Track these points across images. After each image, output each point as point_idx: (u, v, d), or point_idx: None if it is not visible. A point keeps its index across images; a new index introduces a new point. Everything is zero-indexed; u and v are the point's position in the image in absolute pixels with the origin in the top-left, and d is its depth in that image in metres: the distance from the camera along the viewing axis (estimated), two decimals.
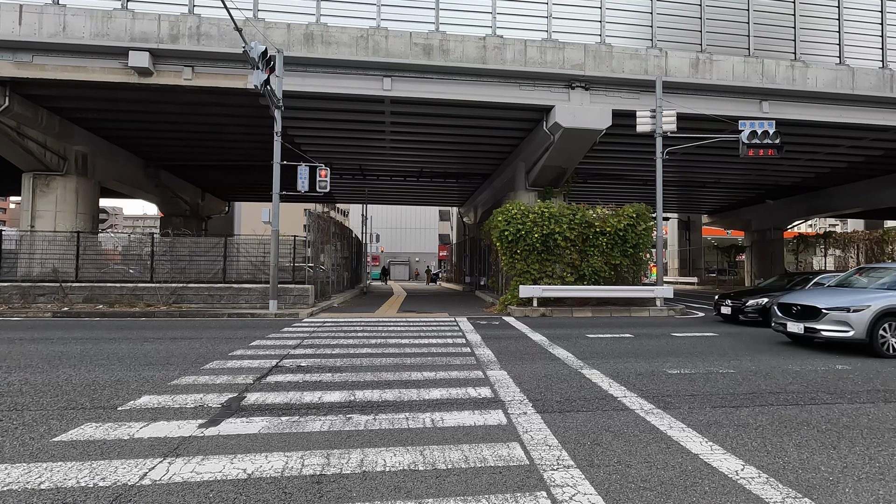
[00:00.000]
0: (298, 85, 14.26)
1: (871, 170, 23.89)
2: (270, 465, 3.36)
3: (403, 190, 30.93)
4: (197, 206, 28.68)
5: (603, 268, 15.20)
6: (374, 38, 14.28)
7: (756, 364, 7.05)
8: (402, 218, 55.26)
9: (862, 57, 17.07)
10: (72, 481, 3.09)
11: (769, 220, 32.66)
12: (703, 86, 15.87)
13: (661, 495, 2.99)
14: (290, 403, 4.82)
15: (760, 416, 4.58)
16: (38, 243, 15.67)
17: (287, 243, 15.86)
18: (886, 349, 7.67)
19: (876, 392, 5.52)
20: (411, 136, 19.31)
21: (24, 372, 6.06)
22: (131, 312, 12.73)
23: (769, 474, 3.31)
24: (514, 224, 14.79)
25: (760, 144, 14.65)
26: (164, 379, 5.77)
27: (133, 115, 17.12)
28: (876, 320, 7.61)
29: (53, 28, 13.25)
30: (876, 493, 3.06)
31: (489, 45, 14.76)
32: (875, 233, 24.50)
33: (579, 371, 6.47)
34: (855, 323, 7.65)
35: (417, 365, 6.73)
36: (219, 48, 13.60)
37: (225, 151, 21.55)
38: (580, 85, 15.45)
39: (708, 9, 16.29)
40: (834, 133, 18.40)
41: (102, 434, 3.92)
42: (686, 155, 18.89)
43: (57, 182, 17.21)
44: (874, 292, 8.21)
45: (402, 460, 3.45)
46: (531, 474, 3.25)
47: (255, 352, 7.67)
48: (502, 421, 4.34)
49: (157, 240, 15.93)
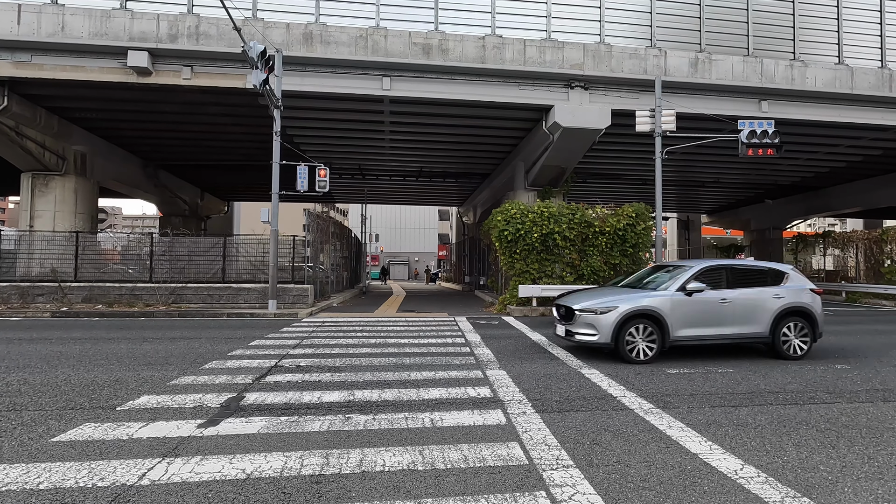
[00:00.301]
0: (297, 85, 14.24)
1: (870, 169, 23.91)
2: (269, 465, 3.36)
3: (403, 190, 30.92)
4: (196, 206, 28.64)
5: (602, 267, 15.20)
6: (373, 38, 14.27)
7: (756, 363, 7.06)
8: (401, 218, 55.25)
9: (861, 57, 17.08)
10: (70, 481, 3.09)
11: (768, 220, 32.69)
12: (703, 85, 15.87)
13: (660, 495, 2.99)
14: (290, 403, 4.82)
15: (759, 415, 4.59)
16: (37, 243, 15.64)
17: (286, 243, 15.84)
18: (636, 354, 6.96)
19: (875, 391, 5.53)
20: (410, 136, 19.30)
21: (23, 372, 6.05)
22: (130, 312, 12.71)
23: (768, 474, 3.31)
24: (514, 224, 14.79)
25: (759, 144, 14.64)
26: (163, 379, 5.76)
27: (132, 115, 17.09)
28: (622, 323, 6.96)
29: (52, 27, 13.22)
30: (875, 493, 3.06)
31: (488, 44, 14.75)
32: (874, 232, 24.47)
33: (578, 370, 6.47)
34: (601, 326, 7.02)
35: (417, 365, 6.73)
36: (218, 48, 13.57)
37: (224, 151, 21.53)
38: (579, 84, 15.44)
39: (707, 8, 16.29)
40: (833, 133, 18.41)
41: (101, 434, 3.91)
42: (685, 154, 18.89)
43: (56, 182, 17.18)
44: (632, 293, 7.53)
45: (401, 460, 3.44)
46: (530, 474, 3.25)
47: (255, 352, 7.67)
48: (501, 421, 4.34)
49: (156, 239, 15.91)
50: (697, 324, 7.17)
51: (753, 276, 7.70)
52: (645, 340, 7.00)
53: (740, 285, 7.47)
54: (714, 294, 7.27)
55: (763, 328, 7.31)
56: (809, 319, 7.47)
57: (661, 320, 7.03)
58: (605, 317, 7.02)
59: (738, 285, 7.46)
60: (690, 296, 7.16)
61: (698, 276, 7.37)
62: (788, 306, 7.39)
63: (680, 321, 7.10)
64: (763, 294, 7.42)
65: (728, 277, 7.53)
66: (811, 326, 7.46)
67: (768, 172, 25.16)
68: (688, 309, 7.14)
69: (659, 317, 7.03)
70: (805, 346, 7.41)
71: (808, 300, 7.54)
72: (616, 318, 6.96)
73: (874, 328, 11.52)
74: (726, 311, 7.24)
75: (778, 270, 7.80)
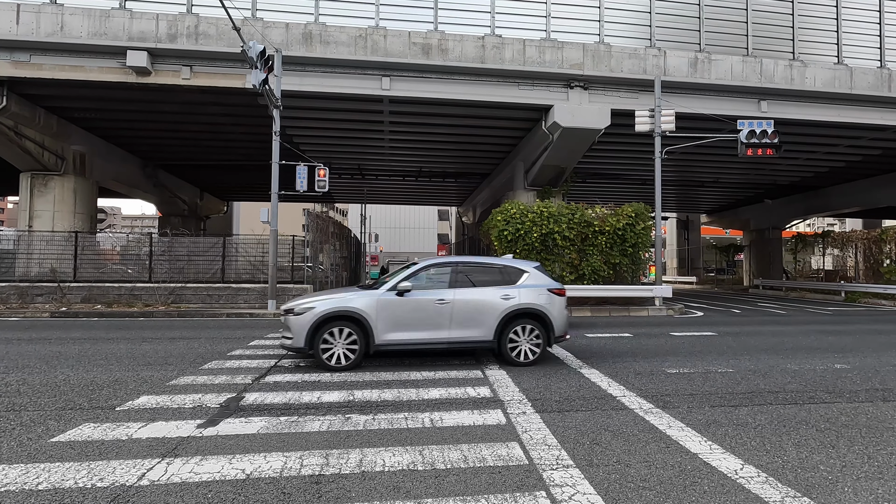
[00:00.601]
0: (297, 84, 14.24)
1: (869, 169, 23.93)
2: (269, 465, 3.35)
3: (402, 189, 30.93)
4: (195, 206, 28.63)
5: (602, 267, 15.20)
6: (372, 38, 14.26)
7: (755, 363, 7.05)
8: (400, 217, 55.21)
9: (860, 56, 17.10)
10: (70, 482, 3.08)
11: (768, 220, 32.71)
12: (702, 85, 15.88)
13: (660, 495, 2.99)
14: (289, 403, 4.81)
15: (759, 415, 4.59)
16: (36, 243, 15.63)
17: (286, 243, 15.83)
18: (335, 360, 6.24)
19: (874, 391, 5.53)
20: (410, 136, 19.30)
21: (22, 372, 6.04)
22: (129, 312, 12.70)
23: (768, 473, 3.31)
24: (514, 223, 14.79)
25: (759, 144, 14.67)
26: (162, 379, 5.75)
27: (131, 115, 17.09)
28: (318, 325, 6.22)
29: (51, 27, 13.21)
30: (875, 492, 3.06)
31: (488, 44, 14.75)
32: (873, 232, 24.54)
33: (578, 370, 6.47)
34: (295, 328, 6.28)
35: (416, 364, 6.72)
36: (217, 48, 13.57)
37: (223, 151, 21.52)
38: (579, 84, 15.45)
39: (707, 8, 16.30)
40: (832, 132, 18.42)
41: (101, 434, 3.91)
42: (685, 154, 18.90)
43: (55, 182, 17.17)
44: (350, 293, 6.79)
45: (401, 460, 3.44)
46: (530, 474, 3.25)
47: (254, 352, 7.66)
48: (501, 420, 4.33)
49: (155, 239, 15.90)
50: (409, 327, 6.48)
51: (486, 275, 6.99)
52: (345, 345, 6.28)
53: (468, 285, 6.80)
54: (430, 295, 6.61)
55: (487, 332, 6.62)
56: (543, 322, 6.78)
57: (364, 323, 6.34)
58: (300, 318, 6.28)
59: (466, 285, 6.80)
60: (402, 296, 6.54)
61: (416, 274, 6.77)
62: (518, 308, 6.69)
63: (388, 324, 6.42)
64: (489, 295, 6.72)
65: (455, 277, 6.84)
66: (544, 330, 6.77)
67: (768, 172, 25.18)
68: (398, 311, 6.48)
69: (362, 319, 6.34)
70: (538, 350, 6.72)
71: (543, 301, 6.81)
72: (311, 320, 6.22)
73: (873, 328, 11.52)
74: (444, 314, 6.54)
75: (516, 269, 7.10)
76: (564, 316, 7.06)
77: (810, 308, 17.24)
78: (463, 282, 6.83)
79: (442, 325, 6.55)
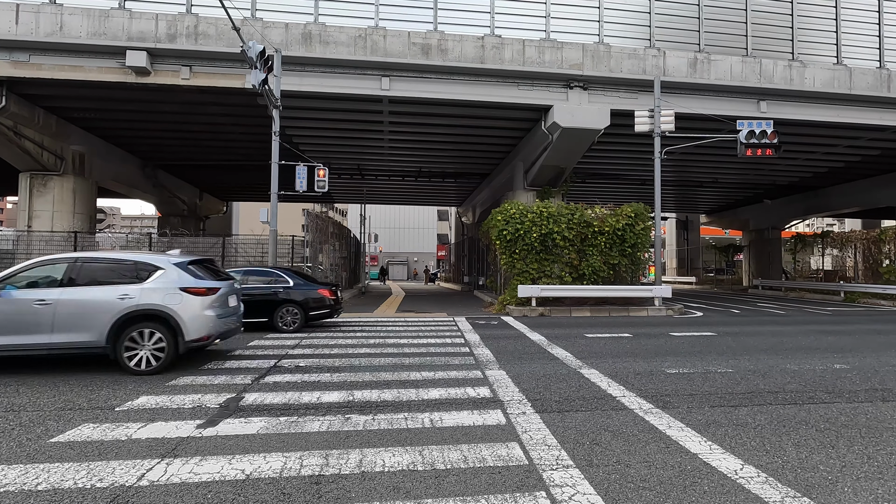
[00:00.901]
0: (297, 84, 14.23)
1: (869, 169, 23.95)
2: (269, 465, 3.35)
3: (402, 190, 30.91)
4: (195, 206, 28.60)
5: (602, 267, 15.21)
6: (372, 38, 14.26)
7: (755, 363, 7.06)
8: (400, 218, 55.20)
9: (859, 57, 17.10)
10: (69, 482, 3.08)
11: (767, 220, 32.72)
12: (702, 85, 15.89)
13: (660, 495, 2.99)
14: (289, 404, 4.81)
15: (759, 415, 4.59)
16: (36, 243, 15.62)
17: (285, 243, 15.85)
18: None
19: (874, 391, 5.53)
20: (409, 136, 19.29)
21: (21, 372, 6.03)
22: None
23: (768, 473, 3.31)
24: (513, 224, 14.79)
25: (758, 144, 14.68)
26: (161, 379, 5.75)
27: (130, 115, 17.06)
28: None
29: (50, 27, 13.20)
30: (875, 493, 3.06)
31: (487, 44, 14.75)
32: (872, 232, 24.55)
33: (578, 371, 6.47)
34: None
35: (416, 365, 6.72)
36: (217, 48, 13.56)
37: (223, 151, 21.50)
38: (578, 85, 15.45)
39: (706, 9, 16.31)
40: (831, 133, 18.43)
41: (100, 435, 3.90)
42: (684, 155, 18.90)
43: (54, 182, 17.14)
44: None
45: (400, 460, 3.44)
46: (530, 474, 3.25)
47: (254, 352, 7.66)
48: (501, 421, 4.33)
49: (154, 240, 15.90)
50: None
51: (113, 272, 6.27)
52: None
53: (83, 283, 6.08)
54: (29, 294, 5.96)
55: (97, 336, 5.91)
56: (169, 326, 6.06)
57: None
58: None
59: (80, 283, 6.08)
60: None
61: (22, 272, 6.15)
62: (136, 309, 6.00)
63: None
64: (103, 294, 6.03)
65: (70, 274, 6.11)
66: (171, 334, 6.06)
67: (767, 172, 25.19)
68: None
69: None
70: (161, 357, 6.02)
71: (170, 301, 6.08)
72: None
73: (873, 328, 11.53)
74: (45, 316, 5.85)
75: (149, 265, 6.34)
76: (204, 317, 6.29)
77: (809, 308, 17.25)
78: (81, 280, 6.12)
79: (41, 329, 5.86)
